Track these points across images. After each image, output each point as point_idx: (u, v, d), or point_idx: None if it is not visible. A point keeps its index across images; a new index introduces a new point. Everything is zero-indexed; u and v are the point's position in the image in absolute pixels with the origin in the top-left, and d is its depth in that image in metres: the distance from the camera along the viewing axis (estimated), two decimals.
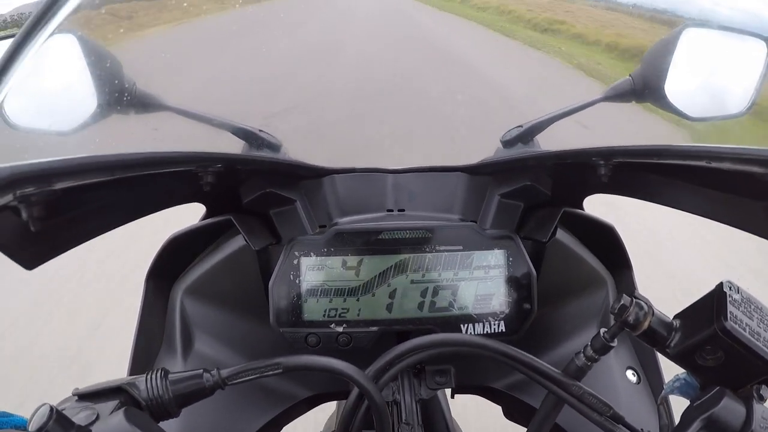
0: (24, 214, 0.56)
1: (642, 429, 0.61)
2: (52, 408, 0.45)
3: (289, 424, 0.90)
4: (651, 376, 0.85)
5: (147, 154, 0.61)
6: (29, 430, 0.45)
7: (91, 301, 3.22)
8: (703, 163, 0.61)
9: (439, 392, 0.97)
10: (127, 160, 0.59)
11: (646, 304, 0.57)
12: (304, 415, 0.91)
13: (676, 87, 0.86)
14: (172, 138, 0.89)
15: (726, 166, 0.60)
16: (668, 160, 0.67)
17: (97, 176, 0.59)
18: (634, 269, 0.87)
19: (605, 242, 0.86)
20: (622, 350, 0.87)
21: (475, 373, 0.87)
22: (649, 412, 0.80)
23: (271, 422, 0.83)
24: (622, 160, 0.72)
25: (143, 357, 0.80)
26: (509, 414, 0.94)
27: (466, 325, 0.77)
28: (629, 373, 0.84)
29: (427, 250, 0.77)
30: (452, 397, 0.94)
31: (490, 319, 0.77)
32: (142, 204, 0.78)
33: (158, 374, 0.57)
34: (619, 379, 0.83)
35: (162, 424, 0.56)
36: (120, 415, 0.50)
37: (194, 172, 0.72)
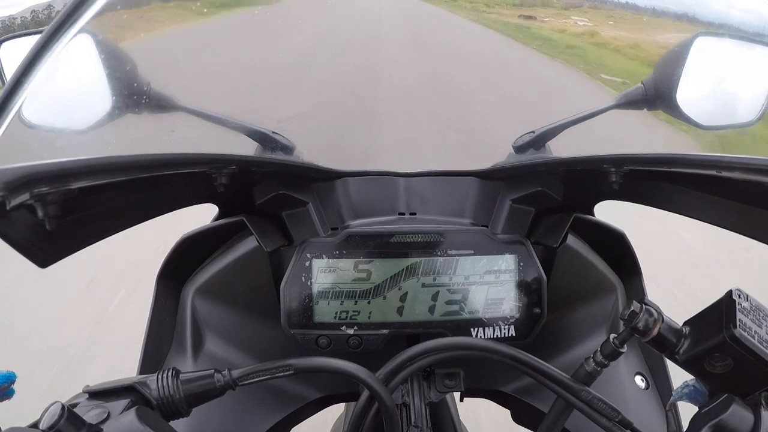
0: (40, 213, 0.57)
1: None
2: (63, 406, 0.46)
3: (298, 425, 0.90)
4: (660, 382, 0.85)
5: (162, 155, 0.62)
6: (40, 428, 0.45)
7: None
8: (713, 173, 0.61)
9: (447, 396, 0.97)
10: (142, 161, 0.60)
11: (655, 310, 0.57)
12: (312, 416, 0.92)
13: (688, 95, 0.86)
14: (186, 138, 0.90)
15: (736, 175, 0.61)
16: (678, 168, 0.67)
17: (113, 176, 0.59)
18: (643, 275, 0.87)
19: (616, 248, 0.86)
20: (631, 356, 0.87)
21: (484, 376, 0.87)
22: (658, 417, 0.80)
23: (281, 423, 0.84)
24: (633, 167, 0.73)
25: (154, 356, 0.81)
26: (518, 418, 0.94)
27: (476, 329, 0.78)
28: (638, 379, 0.84)
29: (438, 253, 0.78)
30: (461, 400, 0.94)
31: (501, 323, 0.77)
32: (156, 204, 0.79)
33: (169, 374, 0.58)
34: (628, 384, 0.83)
35: (172, 424, 0.57)
36: (132, 414, 0.50)
37: (208, 173, 0.73)
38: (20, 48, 1.01)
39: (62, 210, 0.58)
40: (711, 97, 0.90)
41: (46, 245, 0.63)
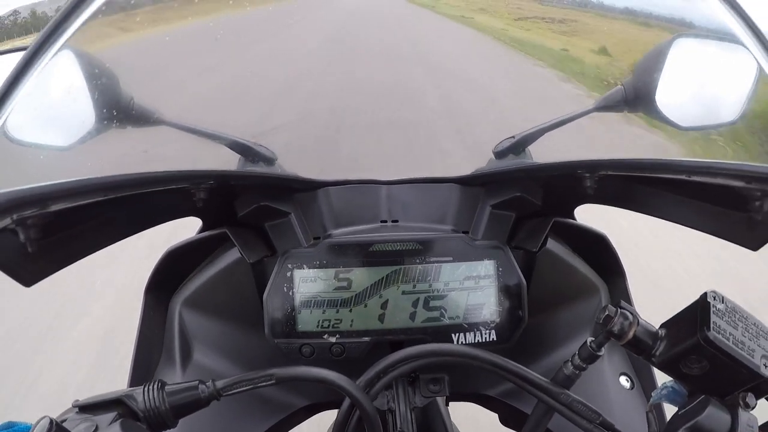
0: (21, 236, 0.58)
1: None
2: (51, 421, 0.47)
3: None
4: (645, 381, 0.85)
5: (139, 175, 0.63)
6: None
7: None
8: (683, 177, 0.62)
9: (438, 400, 0.97)
10: (119, 182, 0.61)
11: (631, 313, 0.58)
12: (303, 424, 0.92)
13: (667, 96, 0.87)
14: (169, 151, 0.90)
15: (706, 179, 0.61)
16: (650, 173, 0.68)
17: (91, 197, 0.60)
18: (627, 277, 0.88)
19: (597, 251, 0.87)
20: (616, 356, 0.88)
21: (469, 380, 0.88)
22: (642, 418, 0.80)
23: (269, 431, 0.84)
24: (606, 172, 0.74)
25: (143, 369, 0.81)
26: (505, 421, 0.95)
27: (457, 335, 0.78)
28: (623, 379, 0.85)
29: (418, 261, 0.78)
30: (447, 404, 0.95)
31: (481, 328, 0.78)
32: (138, 220, 0.79)
33: (155, 386, 0.58)
34: (612, 385, 0.84)
35: None
36: (116, 426, 0.51)
37: (187, 189, 0.74)
38: (3, 64, 1.01)
39: (43, 232, 0.60)
40: (690, 99, 0.90)
41: (29, 265, 0.64)
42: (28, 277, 0.64)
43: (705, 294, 0.57)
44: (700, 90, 0.91)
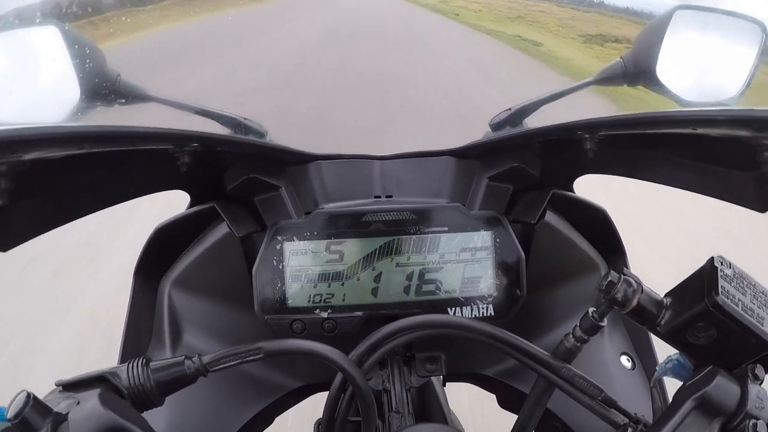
0: None
1: (636, 413, 0.60)
2: (29, 395, 0.45)
3: (284, 415, 0.89)
4: (646, 361, 0.84)
5: (118, 127, 0.60)
6: (7, 417, 0.45)
7: None
8: (689, 130, 0.60)
9: (435, 381, 0.96)
10: (97, 132, 0.58)
11: (635, 281, 0.56)
12: (297, 406, 0.91)
13: (668, 70, 0.85)
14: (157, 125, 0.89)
15: (713, 131, 0.59)
16: (654, 129, 0.66)
17: (65, 148, 0.58)
18: (627, 253, 0.86)
19: (597, 226, 0.85)
20: (617, 336, 0.86)
21: (466, 360, 0.86)
22: (644, 397, 0.79)
23: (262, 413, 0.82)
24: (608, 132, 0.71)
25: (133, 351, 0.79)
26: (503, 402, 0.93)
27: (453, 309, 0.76)
28: (624, 359, 0.83)
29: (412, 232, 0.76)
30: (444, 384, 0.93)
31: (478, 302, 0.76)
32: (119, 188, 0.77)
33: (139, 362, 0.56)
34: (613, 364, 0.82)
35: (149, 415, 0.55)
36: (95, 399, 0.49)
37: (170, 152, 0.71)
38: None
39: (16, 184, 0.57)
40: (692, 72, 0.89)
41: (4, 227, 0.62)
42: (4, 240, 0.62)
43: (712, 259, 0.54)
44: (701, 63, 0.89)
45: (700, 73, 0.89)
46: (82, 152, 0.59)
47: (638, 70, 0.87)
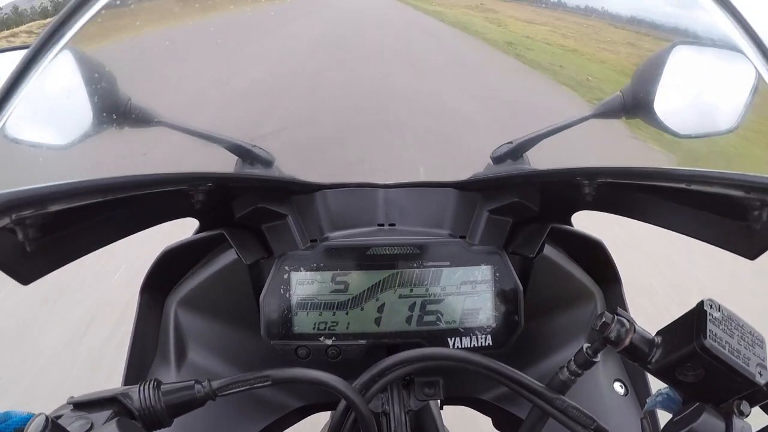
0: (20, 235, 0.59)
1: None
2: (47, 418, 0.46)
3: None
4: (639, 388, 0.86)
5: (137, 176, 0.63)
6: None
7: None
8: (683, 185, 0.62)
9: (432, 403, 0.97)
10: (118, 184, 0.61)
11: (628, 320, 0.58)
12: (297, 424, 0.92)
13: (666, 104, 0.86)
14: (166, 152, 0.90)
15: (705, 189, 0.61)
16: (649, 181, 0.68)
17: (90, 199, 0.60)
18: (623, 284, 0.88)
19: (594, 257, 0.87)
20: (611, 362, 0.88)
21: (463, 384, 0.88)
22: (635, 424, 0.81)
23: (264, 431, 0.84)
24: (605, 180, 0.74)
25: (138, 367, 0.81)
26: (498, 425, 0.95)
27: (453, 339, 0.78)
28: (617, 385, 0.85)
29: (415, 265, 0.78)
30: (441, 408, 0.94)
31: (477, 332, 0.78)
32: (135, 220, 0.79)
33: (151, 385, 0.58)
34: (606, 391, 0.84)
35: None
36: (113, 425, 0.51)
37: (185, 191, 0.74)
38: (4, 63, 1.01)
39: (41, 231, 0.60)
40: (689, 107, 0.90)
41: (28, 264, 0.64)
42: (26, 276, 0.65)
43: (702, 302, 0.57)
44: (698, 98, 0.91)
45: (697, 107, 0.90)
46: (105, 199, 0.62)
47: (636, 104, 0.89)
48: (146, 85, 0.92)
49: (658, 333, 0.59)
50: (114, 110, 0.79)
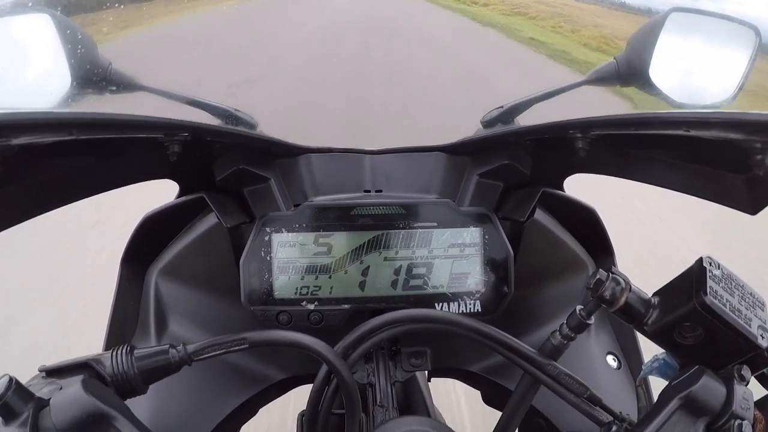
0: None
1: (621, 412, 0.60)
2: (11, 379, 0.45)
3: (268, 406, 0.89)
4: (632, 361, 0.84)
5: (107, 115, 0.60)
6: None
7: None
8: (681, 132, 0.59)
9: (419, 376, 0.95)
10: (86, 120, 0.58)
11: (623, 279, 0.56)
12: (282, 398, 0.91)
13: (662, 72, 0.85)
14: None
15: (705, 133, 0.59)
16: (647, 129, 0.66)
17: (55, 134, 0.57)
18: (615, 253, 0.86)
19: (586, 225, 0.85)
20: (603, 335, 0.86)
21: (451, 355, 0.86)
22: (630, 396, 0.79)
23: (246, 404, 0.82)
24: (600, 132, 0.71)
25: (117, 339, 0.79)
26: (488, 399, 0.93)
27: (440, 304, 0.76)
28: (610, 359, 0.83)
29: (401, 226, 0.76)
30: (429, 380, 0.93)
31: (466, 298, 0.76)
32: (108, 176, 0.77)
33: (124, 350, 0.56)
34: (599, 363, 0.82)
35: (132, 403, 0.55)
36: (77, 385, 0.49)
37: (161, 141, 0.70)
38: None
39: (2, 168, 0.57)
40: (685, 75, 0.89)
41: None
42: None
43: (700, 259, 0.54)
44: (695, 66, 0.89)
45: (693, 75, 0.89)
46: (72, 139, 0.58)
47: (631, 72, 0.87)
48: (127, 50, 0.90)
49: (655, 293, 0.57)
50: (94, 74, 0.77)
